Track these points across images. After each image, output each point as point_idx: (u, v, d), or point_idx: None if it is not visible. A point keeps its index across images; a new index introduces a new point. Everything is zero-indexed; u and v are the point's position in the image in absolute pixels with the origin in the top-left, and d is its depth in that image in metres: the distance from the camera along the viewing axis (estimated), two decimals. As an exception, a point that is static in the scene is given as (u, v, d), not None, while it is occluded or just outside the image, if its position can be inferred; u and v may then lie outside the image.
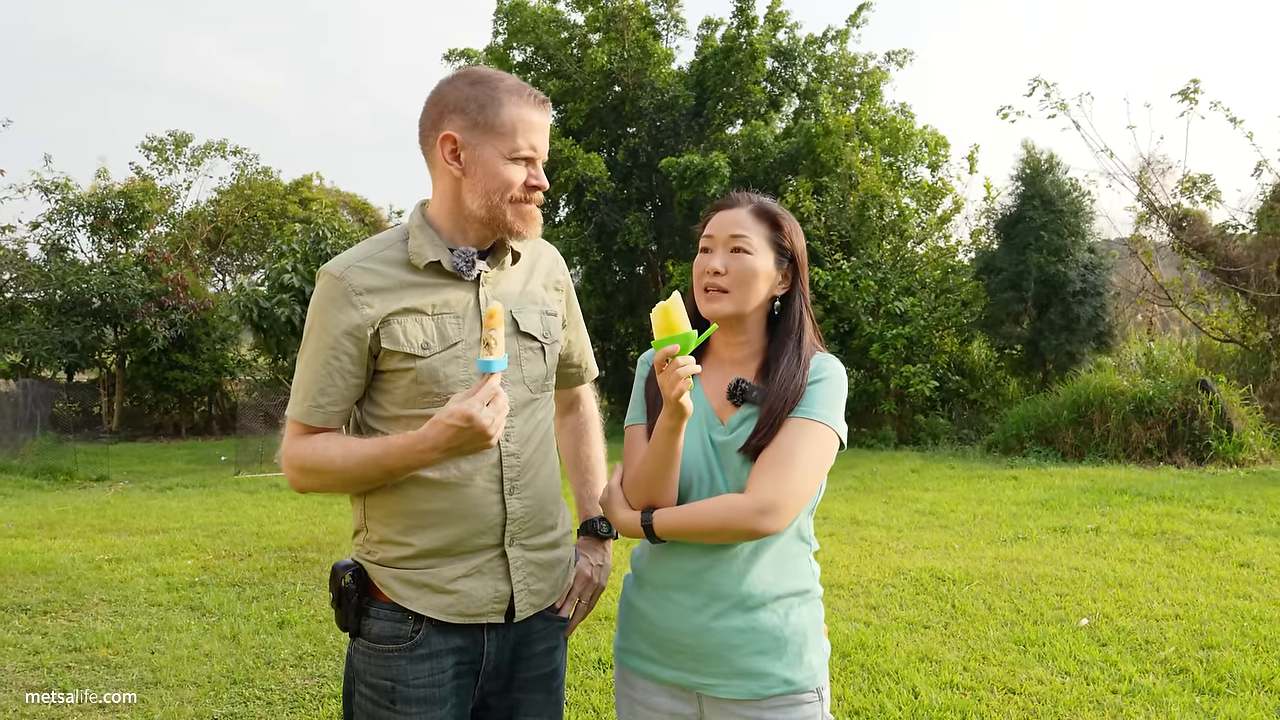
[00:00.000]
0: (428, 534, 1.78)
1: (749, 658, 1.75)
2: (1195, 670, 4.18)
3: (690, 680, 1.79)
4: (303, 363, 1.80)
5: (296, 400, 1.79)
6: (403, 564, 1.79)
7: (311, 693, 4.22)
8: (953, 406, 14.92)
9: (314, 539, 7.62)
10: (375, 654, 1.79)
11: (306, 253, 13.49)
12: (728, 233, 1.81)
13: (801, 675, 1.78)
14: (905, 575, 5.95)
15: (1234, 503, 8.15)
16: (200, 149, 23.33)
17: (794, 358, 1.80)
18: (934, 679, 4.17)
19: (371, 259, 1.79)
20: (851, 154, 15.74)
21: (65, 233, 20.20)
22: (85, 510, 9.52)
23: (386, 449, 1.71)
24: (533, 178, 1.80)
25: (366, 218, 24.43)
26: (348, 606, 1.81)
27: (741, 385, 1.80)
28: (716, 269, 1.80)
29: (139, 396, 20.70)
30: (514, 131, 1.77)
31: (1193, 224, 13.82)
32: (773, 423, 1.75)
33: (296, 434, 1.79)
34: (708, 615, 1.76)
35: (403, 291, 1.77)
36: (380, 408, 1.82)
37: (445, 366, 1.77)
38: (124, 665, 4.58)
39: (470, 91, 1.78)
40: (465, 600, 1.79)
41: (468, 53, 19.49)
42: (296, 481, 1.81)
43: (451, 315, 1.79)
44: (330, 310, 1.75)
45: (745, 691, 1.75)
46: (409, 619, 1.79)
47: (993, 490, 9.42)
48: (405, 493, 1.78)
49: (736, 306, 1.81)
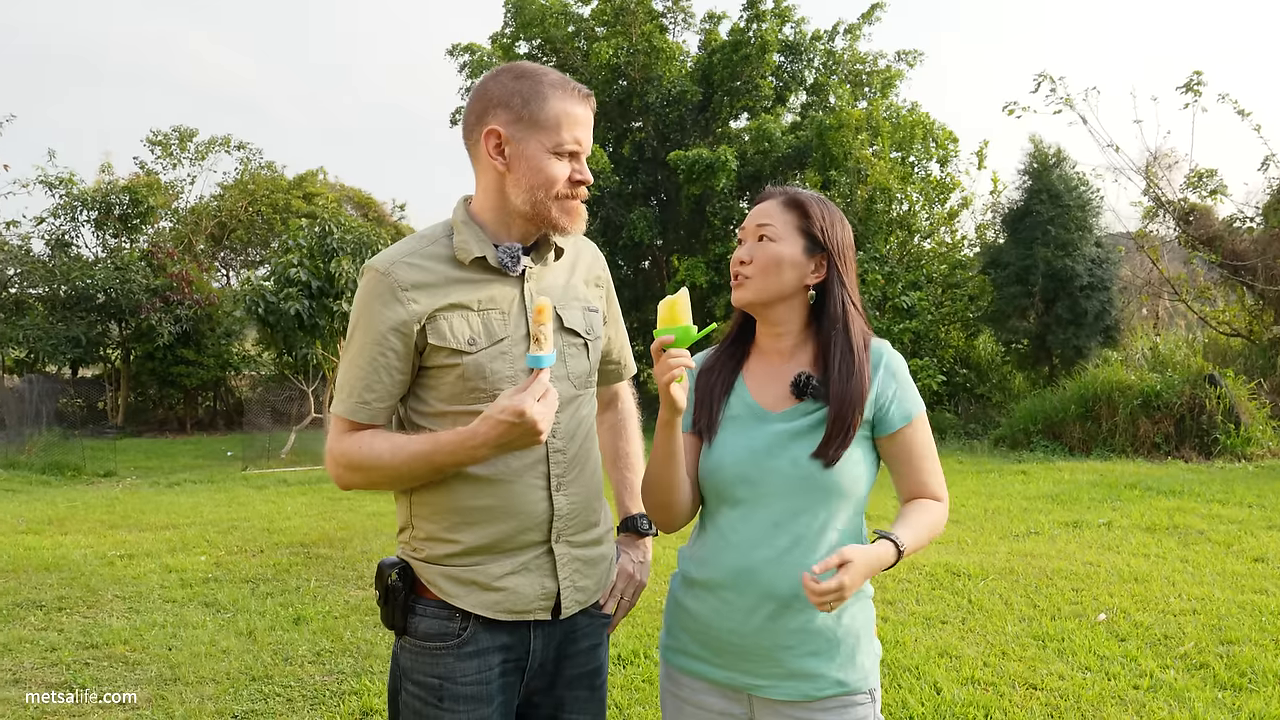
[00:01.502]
0: (475, 531, 1.77)
1: (801, 658, 1.74)
2: (1216, 665, 4.18)
3: (741, 681, 1.78)
4: (348, 359, 1.79)
5: (342, 397, 1.77)
6: (450, 561, 1.78)
7: (331, 689, 4.22)
8: (959, 401, 14.93)
9: (325, 535, 7.62)
10: (423, 652, 1.78)
11: (313, 247, 13.46)
12: (755, 223, 1.83)
13: (854, 676, 1.77)
14: (920, 570, 5.95)
15: (1244, 497, 8.15)
16: (204, 144, 23.29)
17: (848, 352, 1.78)
18: (955, 674, 4.17)
19: (417, 254, 1.78)
20: (861, 148, 15.72)
21: (69, 228, 20.18)
22: (95, 506, 9.53)
23: (436, 445, 1.70)
24: (576, 173, 1.79)
25: (370, 212, 24.43)
26: (394, 604, 1.80)
27: (808, 379, 1.79)
28: (742, 258, 1.81)
29: (143, 392, 20.71)
30: (558, 126, 1.76)
31: (1200, 218, 13.80)
32: (846, 427, 1.74)
33: (342, 431, 1.77)
34: (760, 615, 1.74)
35: (449, 287, 1.76)
36: (426, 404, 1.80)
37: (492, 362, 1.76)
38: (142, 662, 4.58)
39: (515, 86, 1.77)
40: (512, 597, 1.78)
41: (472, 47, 19.45)
42: (342, 478, 1.79)
43: (497, 311, 1.78)
44: (376, 306, 1.74)
45: (797, 693, 1.74)
46: (456, 616, 1.78)
47: (1002, 485, 9.42)
48: (452, 489, 1.77)
49: (757, 293, 1.80)
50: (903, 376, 1.83)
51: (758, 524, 1.76)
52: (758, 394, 1.84)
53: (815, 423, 1.77)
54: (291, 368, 16.43)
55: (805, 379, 1.79)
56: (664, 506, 1.83)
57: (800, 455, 1.74)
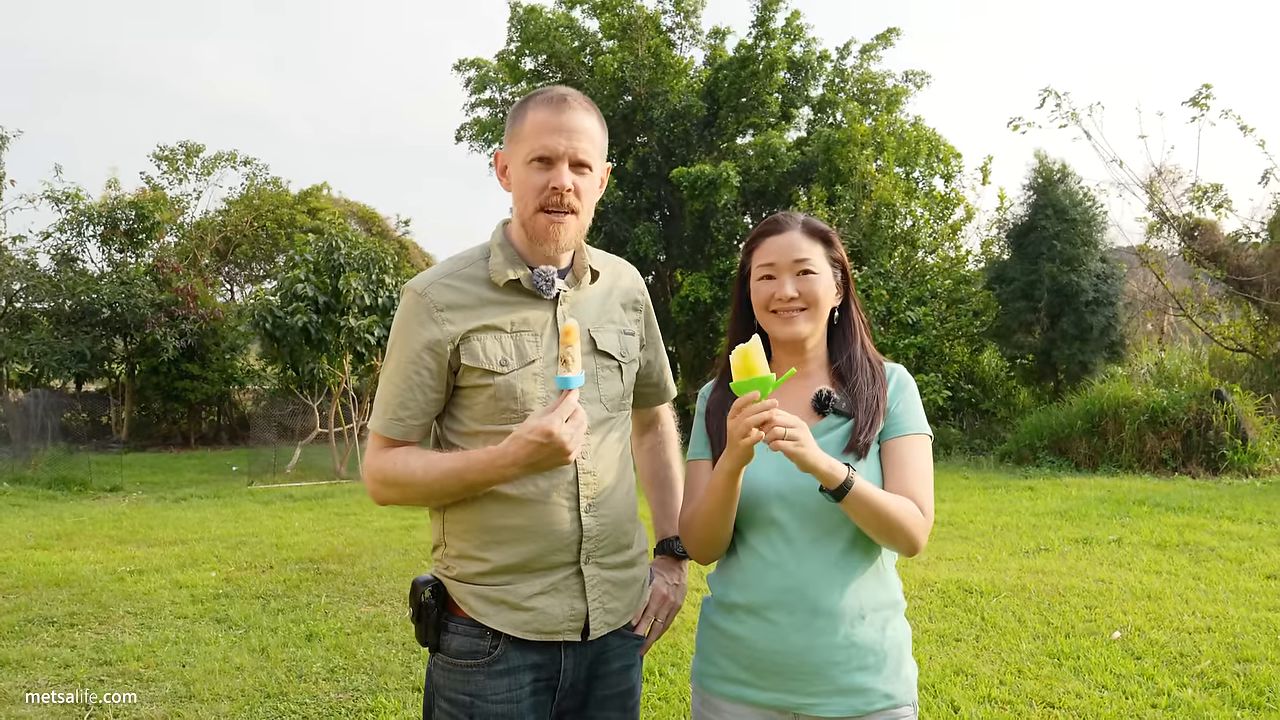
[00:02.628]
0: (505, 550, 1.79)
1: (851, 674, 1.75)
2: (1233, 684, 4.17)
3: (789, 701, 1.78)
4: (385, 377, 1.83)
5: (379, 413, 1.82)
6: (480, 580, 1.80)
7: (347, 707, 4.21)
8: (964, 416, 14.91)
9: (334, 551, 7.62)
10: (455, 669, 1.80)
11: (319, 262, 13.48)
12: (790, 258, 1.85)
13: (900, 689, 1.79)
14: (931, 587, 5.94)
15: (1254, 513, 8.13)
16: (211, 159, 23.38)
17: (865, 363, 1.89)
18: (972, 693, 4.16)
19: (453, 276, 1.82)
20: (866, 163, 15.76)
21: (75, 243, 20.21)
22: (102, 521, 9.52)
23: (467, 463, 1.73)
24: (552, 179, 1.75)
25: (374, 227, 24.47)
26: (427, 621, 1.82)
27: (831, 396, 1.84)
28: (790, 295, 1.84)
29: (147, 406, 20.71)
30: (530, 135, 1.77)
31: (1204, 233, 13.81)
32: (870, 424, 1.80)
33: (379, 447, 1.82)
34: (809, 633, 1.75)
35: (482, 309, 1.79)
36: (460, 423, 1.84)
37: (523, 383, 1.78)
38: (156, 679, 4.57)
39: (515, 110, 1.84)
40: (541, 617, 1.80)
41: (478, 62, 19.55)
42: (377, 494, 1.83)
43: (530, 333, 1.81)
44: (413, 326, 1.79)
45: (848, 709, 1.76)
46: (487, 634, 1.79)
47: (1010, 501, 9.40)
48: (484, 508, 1.79)
49: (813, 325, 1.87)
50: (911, 395, 1.90)
51: (798, 542, 1.78)
52: None
53: (840, 437, 1.81)
54: (296, 382, 16.43)
55: (826, 395, 1.84)
56: (710, 543, 1.85)
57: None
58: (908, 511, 1.74)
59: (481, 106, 20.25)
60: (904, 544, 1.76)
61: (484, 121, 19.92)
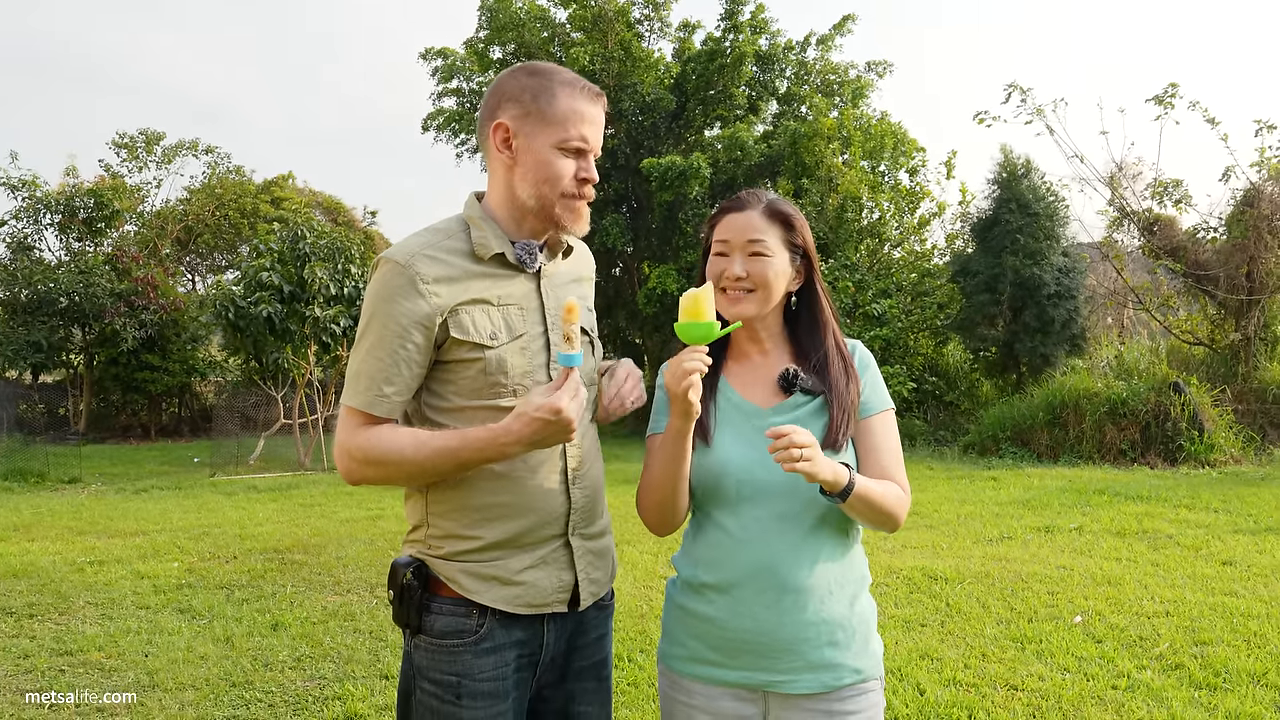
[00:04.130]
0: (496, 526, 1.78)
1: (821, 649, 1.77)
2: (1191, 666, 4.26)
3: (759, 679, 1.78)
4: (364, 351, 1.76)
5: (359, 390, 1.74)
6: (470, 557, 1.78)
7: (314, 695, 4.18)
8: (929, 408, 15.05)
9: (299, 541, 7.55)
10: (439, 650, 1.78)
11: (284, 251, 13.33)
12: (744, 237, 1.84)
13: (869, 664, 1.81)
14: (898, 574, 6.00)
15: (1210, 502, 8.30)
16: (171, 147, 23.03)
17: (837, 350, 1.89)
18: (937, 676, 4.21)
19: (435, 248, 1.78)
20: (832, 157, 15.85)
21: (32, 231, 19.86)
22: (61, 512, 9.37)
23: (464, 441, 1.70)
24: (583, 170, 1.80)
25: (340, 217, 24.22)
26: (409, 603, 1.79)
27: (798, 375, 1.84)
28: (738, 275, 1.83)
29: (106, 398, 20.38)
30: (565, 121, 1.77)
31: (1163, 228, 14.02)
32: (847, 414, 1.81)
33: (358, 425, 1.75)
34: (779, 610, 1.76)
35: (469, 281, 1.77)
36: (442, 399, 1.80)
37: (512, 357, 1.77)
38: (119, 669, 4.51)
39: (527, 81, 1.79)
40: (532, 591, 1.80)
41: (445, 52, 19.40)
42: (354, 473, 1.76)
43: (516, 307, 1.80)
44: (397, 299, 1.72)
45: (818, 684, 1.77)
46: (473, 613, 1.78)
47: (974, 491, 9.52)
48: (472, 486, 1.77)
49: (759, 308, 1.86)
50: (874, 371, 1.92)
51: (768, 519, 1.78)
52: (746, 393, 1.88)
53: (808, 414, 1.83)
54: (260, 373, 16.23)
55: (792, 374, 1.84)
56: (664, 508, 1.83)
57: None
58: (895, 497, 1.78)
59: (448, 96, 20.11)
60: (892, 526, 1.81)
61: (451, 111, 19.78)
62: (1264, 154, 13.24)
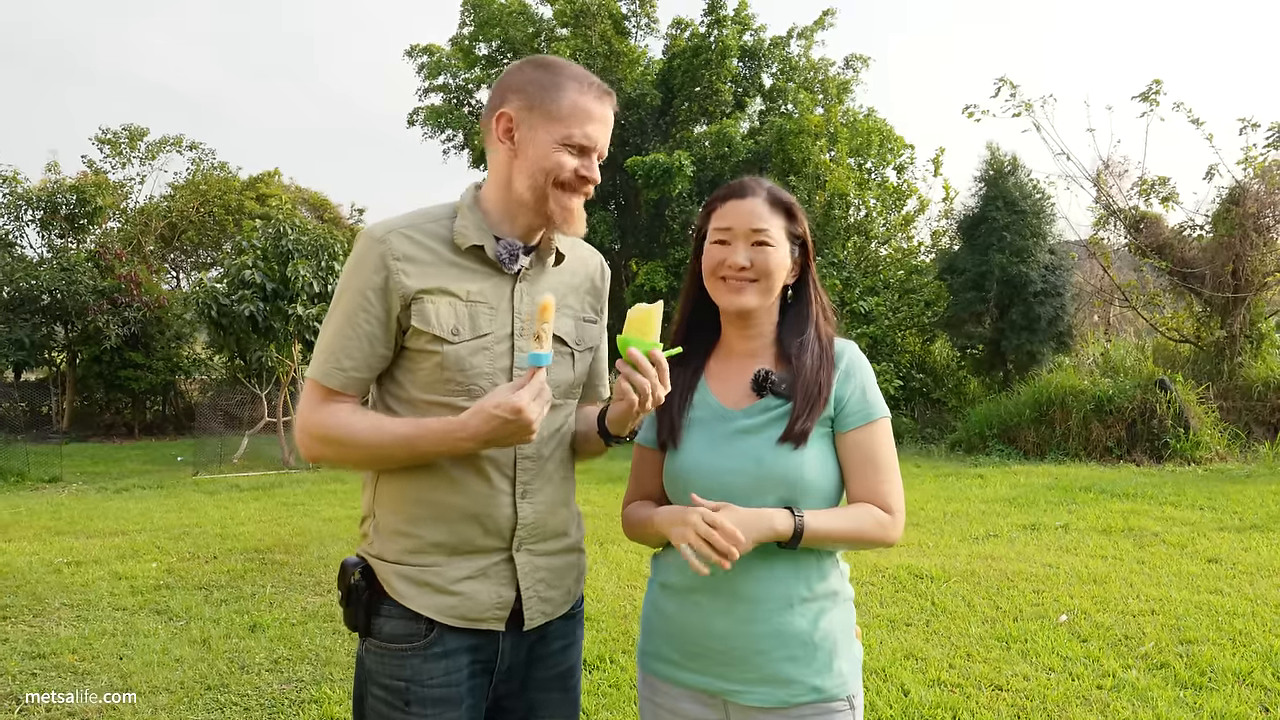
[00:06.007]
0: (435, 527, 1.72)
1: (778, 664, 1.70)
2: (1176, 665, 4.23)
3: (716, 685, 1.74)
4: (330, 324, 1.73)
5: (318, 360, 1.72)
6: (406, 559, 1.73)
7: (290, 698, 4.12)
8: (916, 405, 15.06)
9: (280, 541, 7.47)
10: (388, 654, 1.73)
11: (267, 249, 13.22)
12: (748, 225, 1.77)
13: (831, 683, 1.72)
14: (883, 573, 5.97)
15: (1196, 499, 8.30)
16: (155, 143, 22.83)
17: (815, 346, 1.80)
18: (921, 676, 4.17)
19: (415, 229, 1.73)
20: (819, 153, 15.83)
21: (14, 227, 19.68)
22: (39, 512, 9.26)
23: (420, 430, 1.66)
24: (584, 168, 1.75)
25: (325, 214, 24.09)
26: (357, 605, 1.75)
27: (768, 376, 1.77)
28: (741, 264, 1.76)
29: (90, 396, 20.21)
30: (570, 118, 1.73)
31: (1150, 226, 14.05)
32: (810, 406, 1.73)
33: (318, 400, 1.72)
34: (733, 619, 1.71)
35: (440, 269, 1.71)
36: (401, 388, 1.75)
37: (472, 355, 1.71)
38: (92, 671, 4.43)
39: (533, 74, 1.75)
40: (468, 603, 1.73)
41: (431, 48, 19.31)
42: (311, 449, 1.72)
43: (486, 305, 1.73)
44: (365, 272, 1.69)
45: (772, 699, 1.70)
46: (422, 616, 1.72)
47: (960, 488, 9.50)
48: (419, 480, 1.72)
49: (760, 299, 1.79)
50: (864, 377, 1.81)
51: None
52: (720, 394, 1.82)
53: (776, 418, 1.75)
54: (244, 371, 16.12)
55: (764, 375, 1.77)
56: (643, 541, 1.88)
57: (762, 451, 1.72)
58: (869, 525, 1.70)
59: (435, 93, 20.00)
60: (874, 549, 1.76)
61: (437, 108, 19.67)
62: (1249, 152, 13.27)
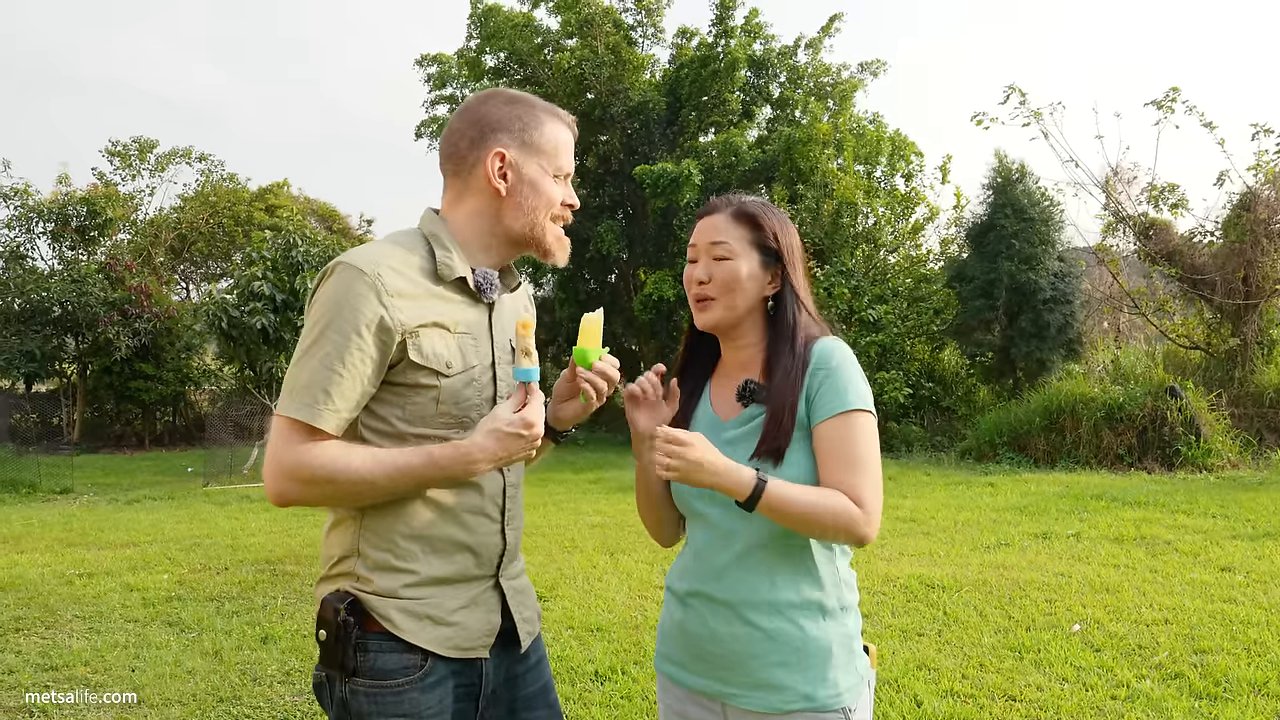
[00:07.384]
0: (434, 561, 1.70)
1: (769, 668, 1.71)
2: (1191, 675, 4.20)
3: (715, 689, 1.77)
4: (315, 360, 1.60)
5: (305, 401, 1.58)
6: (405, 593, 1.68)
7: (302, 710, 4.12)
8: (925, 414, 15.01)
9: (291, 551, 7.49)
10: (385, 691, 1.65)
11: (277, 260, 13.28)
12: (707, 240, 1.81)
13: (825, 693, 1.70)
14: (894, 583, 5.95)
15: (1208, 508, 8.25)
16: (165, 155, 22.95)
17: (790, 355, 1.77)
18: (934, 687, 4.16)
19: (400, 261, 1.68)
20: (827, 161, 15.82)
21: (25, 240, 19.78)
22: (51, 524, 9.30)
23: (429, 459, 1.62)
24: (568, 196, 1.83)
25: (334, 225, 24.18)
26: (347, 643, 1.65)
27: (750, 385, 1.80)
28: (700, 279, 1.80)
29: (100, 407, 20.28)
30: (556, 151, 1.79)
31: (1159, 233, 14.01)
32: (780, 422, 1.71)
33: (301, 439, 1.59)
34: (728, 621, 1.75)
35: (429, 302, 1.68)
36: (384, 422, 1.68)
37: (465, 388, 1.71)
38: (105, 684, 4.44)
39: (511, 111, 1.77)
40: (462, 633, 1.73)
41: (439, 58, 19.39)
42: (288, 492, 1.60)
43: (470, 336, 1.73)
44: (359, 308, 1.59)
45: (765, 704, 1.71)
46: (417, 648, 1.68)
47: (971, 497, 9.47)
48: (412, 515, 1.68)
49: (723, 313, 1.80)
50: (834, 369, 1.74)
51: (717, 532, 1.78)
52: (716, 405, 1.87)
53: (757, 427, 1.76)
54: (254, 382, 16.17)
55: (747, 385, 1.80)
56: (648, 524, 1.99)
57: (743, 460, 1.73)
58: (835, 510, 1.63)
59: (442, 103, 20.07)
60: (843, 541, 1.68)
61: (444, 119, 19.74)
62: (1261, 157, 13.23)
